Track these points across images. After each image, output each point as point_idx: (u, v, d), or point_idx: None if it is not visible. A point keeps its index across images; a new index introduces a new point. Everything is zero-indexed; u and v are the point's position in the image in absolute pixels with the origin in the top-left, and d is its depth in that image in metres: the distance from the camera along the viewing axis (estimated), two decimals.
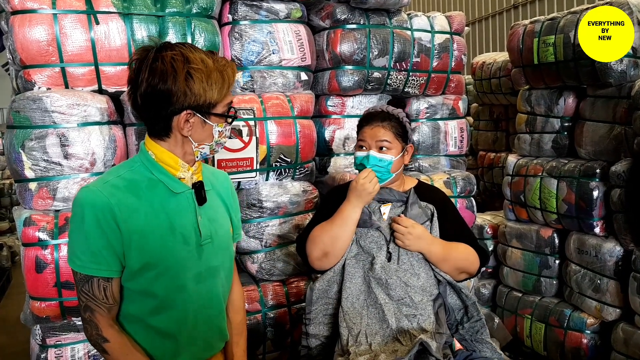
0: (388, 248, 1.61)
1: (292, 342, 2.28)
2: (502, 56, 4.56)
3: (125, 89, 2.08)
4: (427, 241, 1.57)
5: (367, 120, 1.69)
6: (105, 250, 1.13)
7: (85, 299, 1.15)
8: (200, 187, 1.24)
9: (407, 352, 1.39)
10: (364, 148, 1.66)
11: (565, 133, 3.18)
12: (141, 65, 1.14)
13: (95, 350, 1.98)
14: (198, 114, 1.16)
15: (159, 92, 1.13)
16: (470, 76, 5.02)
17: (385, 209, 1.67)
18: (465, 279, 1.70)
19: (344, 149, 2.55)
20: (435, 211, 1.66)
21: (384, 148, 1.63)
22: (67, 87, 1.99)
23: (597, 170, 2.87)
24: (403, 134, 1.67)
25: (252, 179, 2.23)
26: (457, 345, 1.72)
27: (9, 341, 4.06)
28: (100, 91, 2.05)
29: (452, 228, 1.68)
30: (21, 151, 1.90)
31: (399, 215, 1.63)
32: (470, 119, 5.31)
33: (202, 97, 1.15)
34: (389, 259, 1.60)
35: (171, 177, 1.20)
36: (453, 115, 2.75)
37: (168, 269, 1.18)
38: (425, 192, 1.74)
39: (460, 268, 1.63)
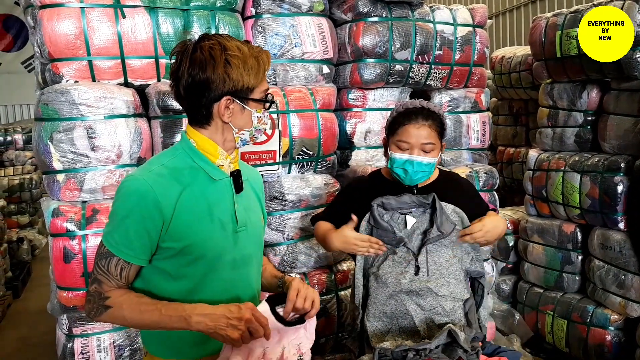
0: (416, 262, 1.57)
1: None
2: (522, 50, 4.51)
3: (150, 82, 2.10)
4: (500, 223, 1.62)
5: (409, 117, 1.59)
6: (140, 239, 1.16)
7: (97, 272, 1.18)
8: (238, 175, 1.26)
9: (433, 339, 1.38)
10: (406, 149, 1.58)
11: (589, 127, 3.13)
12: (182, 58, 1.18)
13: (121, 340, 2.03)
14: (237, 100, 1.19)
15: (199, 82, 1.17)
16: (489, 70, 4.97)
17: (411, 221, 1.61)
18: None
19: (365, 142, 2.54)
20: (464, 217, 1.62)
21: (427, 150, 1.58)
22: (93, 80, 2.02)
23: (622, 165, 2.82)
24: (442, 132, 1.63)
25: (275, 171, 2.24)
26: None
27: (30, 332, 4.13)
28: (126, 84, 2.08)
29: (475, 207, 1.70)
30: (49, 143, 1.93)
31: (427, 229, 1.59)
32: (489, 113, 5.25)
33: (240, 82, 1.18)
34: (417, 272, 1.57)
35: (211, 165, 1.23)
36: (475, 108, 2.73)
37: (205, 254, 1.20)
38: (446, 181, 1.73)
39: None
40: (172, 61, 1.21)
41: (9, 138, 8.11)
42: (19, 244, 5.76)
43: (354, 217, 1.58)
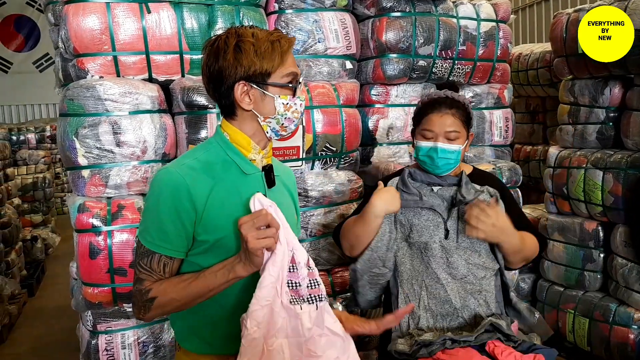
0: (446, 225, 1.55)
1: None
2: (539, 47, 4.47)
3: (174, 77, 2.10)
4: (506, 231, 1.46)
5: (433, 106, 1.60)
6: (176, 231, 1.15)
7: (139, 272, 1.18)
8: (269, 170, 1.25)
9: (475, 331, 1.38)
10: (430, 138, 1.59)
11: (611, 124, 3.09)
12: (205, 50, 1.20)
13: (146, 337, 2.02)
14: (254, 85, 1.17)
15: (214, 71, 1.18)
16: None
17: (437, 188, 1.62)
18: (522, 267, 1.68)
19: (388, 139, 2.52)
20: (499, 195, 1.60)
21: (452, 138, 1.57)
22: (118, 75, 2.01)
23: None
24: (468, 121, 1.62)
25: (298, 167, 2.22)
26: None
27: (46, 331, 4.15)
28: (151, 80, 2.07)
29: (512, 215, 1.62)
30: (75, 139, 1.93)
31: (453, 195, 1.58)
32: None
33: (253, 67, 1.16)
34: (447, 236, 1.54)
35: (243, 158, 1.22)
36: (498, 104, 2.70)
37: (238, 246, 1.16)
38: (481, 178, 1.70)
39: (527, 258, 1.60)
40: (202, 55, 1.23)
41: (22, 137, 8.19)
42: (32, 243, 5.79)
43: (381, 183, 1.59)
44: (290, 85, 1.20)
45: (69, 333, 3.60)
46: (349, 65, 2.35)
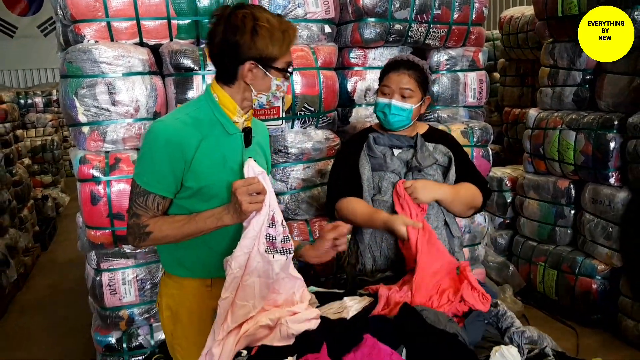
0: None
1: (314, 275, 2.52)
2: (530, 10, 4.52)
3: (163, 41, 2.27)
4: (434, 188, 1.70)
5: (392, 66, 1.77)
6: (168, 174, 1.36)
7: (136, 208, 1.39)
8: (248, 132, 1.45)
9: None
10: (387, 94, 1.75)
11: (587, 86, 3.22)
12: (219, 20, 1.35)
13: (143, 275, 2.28)
14: (260, 66, 1.35)
15: (229, 44, 1.33)
16: (497, 31, 5.00)
17: (397, 152, 1.81)
18: (473, 214, 1.87)
19: (366, 100, 2.68)
20: (452, 156, 1.78)
21: (405, 96, 1.73)
22: (112, 40, 2.18)
23: (615, 122, 2.93)
24: (424, 84, 1.77)
25: (279, 126, 2.41)
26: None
27: (60, 280, 4.48)
28: (142, 44, 2.24)
29: (462, 171, 1.82)
30: (75, 98, 2.13)
31: (409, 159, 1.77)
32: (497, 74, 5.31)
33: (265, 51, 1.33)
34: None
35: (228, 120, 1.42)
36: (473, 67, 2.83)
37: (218, 193, 1.39)
38: (435, 137, 1.87)
39: (469, 204, 1.79)
40: (211, 22, 1.36)
41: (29, 101, 8.39)
42: (44, 202, 6.08)
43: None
44: (287, 71, 1.39)
45: (80, 281, 3.89)
46: (327, 29, 2.49)
